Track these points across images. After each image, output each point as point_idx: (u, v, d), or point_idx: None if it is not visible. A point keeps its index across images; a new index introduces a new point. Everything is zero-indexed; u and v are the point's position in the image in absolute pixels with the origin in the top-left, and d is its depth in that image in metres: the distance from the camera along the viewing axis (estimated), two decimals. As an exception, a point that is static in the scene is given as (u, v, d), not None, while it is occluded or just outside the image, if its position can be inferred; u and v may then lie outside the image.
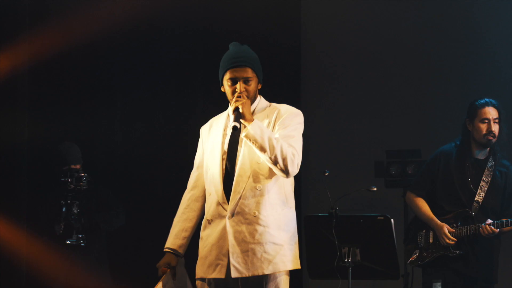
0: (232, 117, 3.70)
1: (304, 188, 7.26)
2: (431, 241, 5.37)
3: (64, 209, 5.12)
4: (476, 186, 5.35)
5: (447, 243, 5.23)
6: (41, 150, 5.55)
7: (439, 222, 5.30)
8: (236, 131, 3.78)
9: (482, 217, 5.26)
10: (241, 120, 3.70)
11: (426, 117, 7.50)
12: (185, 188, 3.92)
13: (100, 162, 5.64)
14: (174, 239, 4.04)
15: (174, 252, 4.00)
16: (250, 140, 3.69)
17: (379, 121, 7.41)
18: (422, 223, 5.45)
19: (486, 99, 5.62)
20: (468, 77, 7.68)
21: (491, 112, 5.26)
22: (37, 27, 5.79)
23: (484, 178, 5.34)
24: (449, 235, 5.23)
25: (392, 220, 4.69)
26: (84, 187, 5.07)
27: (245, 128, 3.70)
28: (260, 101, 4.03)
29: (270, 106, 4.03)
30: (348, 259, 4.49)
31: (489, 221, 5.11)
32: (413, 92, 7.43)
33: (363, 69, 7.74)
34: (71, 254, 5.17)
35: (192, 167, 3.87)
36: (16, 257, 5.35)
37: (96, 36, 5.92)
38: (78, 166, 5.17)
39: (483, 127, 5.28)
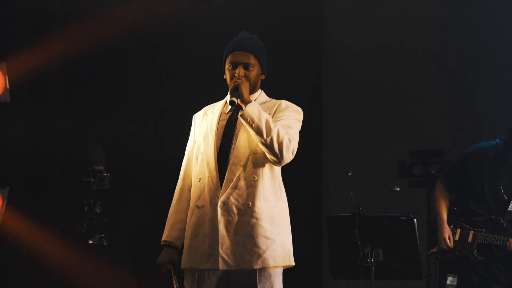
0: (229, 99, 3.62)
1: (326, 189, 7.24)
2: (456, 238, 5.29)
3: (86, 208, 5.23)
4: (509, 194, 5.19)
5: (446, 246, 5.26)
6: (66, 150, 5.70)
7: (446, 226, 5.29)
8: (233, 116, 3.72)
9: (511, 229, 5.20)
10: (239, 102, 3.62)
11: (450, 117, 7.48)
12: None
13: (124, 162, 5.76)
14: (170, 231, 3.97)
15: (171, 244, 3.93)
16: (247, 119, 3.61)
17: (402, 121, 7.41)
18: (452, 218, 5.37)
19: None
20: (494, 76, 7.68)
21: None
22: (68, 26, 5.93)
23: None
24: (448, 241, 5.22)
25: (415, 220, 4.75)
26: (107, 187, 5.17)
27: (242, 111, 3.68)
28: (261, 94, 3.97)
29: (270, 100, 3.96)
30: (371, 259, 4.56)
31: None
32: (436, 92, 7.45)
33: (386, 69, 7.75)
34: (94, 254, 5.30)
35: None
36: (46, 257, 5.50)
37: (123, 37, 6.05)
38: (101, 167, 5.29)
39: None
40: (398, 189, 5.13)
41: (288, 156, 3.68)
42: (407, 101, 7.66)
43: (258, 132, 3.57)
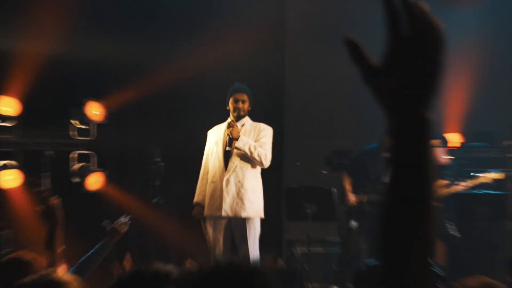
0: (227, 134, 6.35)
1: (286, 171, 9.53)
2: (357, 200, 7.81)
3: (151, 182, 7.69)
4: (379, 174, 7.62)
5: (351, 203, 7.72)
6: (139, 150, 8.38)
7: (350, 194, 7.76)
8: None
9: None
10: (233, 140, 6.23)
11: (357, 122, 9.54)
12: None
13: (171, 157, 8.13)
14: (198, 196, 6.63)
15: (200, 204, 6.56)
16: (239, 150, 6.23)
17: (333, 130, 9.72)
18: (353, 189, 7.83)
19: None
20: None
21: None
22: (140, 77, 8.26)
23: None
24: (352, 201, 7.69)
25: (333, 189, 7.54)
26: (162, 170, 8.11)
27: (235, 142, 6.22)
28: (248, 120, 6.50)
29: (253, 123, 6.54)
30: (310, 210, 7.41)
31: None
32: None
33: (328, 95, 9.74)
34: (156, 209, 8.20)
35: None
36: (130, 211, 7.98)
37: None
38: (159, 159, 8.25)
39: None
40: (326, 172, 8.27)
41: (266, 163, 6.33)
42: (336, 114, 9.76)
43: (247, 154, 6.15)
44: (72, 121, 7.54)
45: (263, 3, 9.47)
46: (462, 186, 7.65)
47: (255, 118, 6.83)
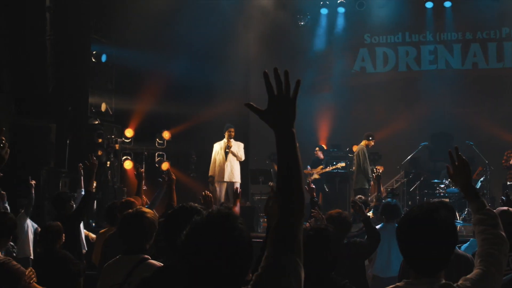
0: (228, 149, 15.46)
1: (251, 159, 17.92)
2: None
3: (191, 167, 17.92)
4: None
5: None
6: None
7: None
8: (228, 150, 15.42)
9: None
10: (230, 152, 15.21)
11: None
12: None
13: (194, 155, 18.44)
14: (211, 172, 15.34)
15: (212, 176, 15.43)
16: (233, 152, 15.29)
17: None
18: None
19: None
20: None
21: None
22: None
23: None
24: None
25: (271, 170, 17.89)
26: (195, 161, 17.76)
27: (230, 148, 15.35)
28: (233, 140, 15.33)
29: (236, 142, 15.37)
30: (260, 178, 17.44)
31: None
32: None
33: None
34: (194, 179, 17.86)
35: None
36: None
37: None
38: (194, 157, 17.78)
39: None
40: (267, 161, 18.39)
41: (242, 159, 15.44)
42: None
43: (234, 154, 15.31)
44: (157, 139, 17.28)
45: (235, 78, 18.97)
46: (315, 171, 17.45)
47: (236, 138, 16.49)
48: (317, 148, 17.65)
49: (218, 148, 15.13)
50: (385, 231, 7.64)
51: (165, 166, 17.02)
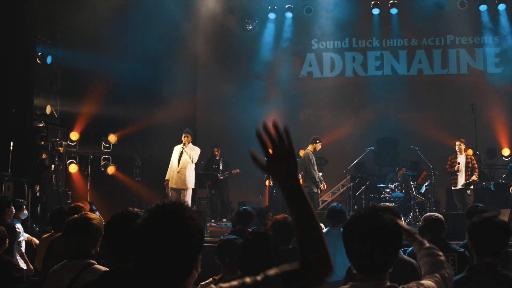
0: (183, 149, 15.69)
1: (197, 167, 19.12)
2: None
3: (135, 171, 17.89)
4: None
5: None
6: None
7: None
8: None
9: None
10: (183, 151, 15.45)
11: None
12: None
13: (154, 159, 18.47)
14: (168, 176, 15.13)
15: (167, 179, 15.56)
16: (187, 154, 15.78)
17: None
18: None
19: None
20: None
21: None
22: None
23: None
24: None
25: (219, 174, 17.94)
26: (141, 165, 17.78)
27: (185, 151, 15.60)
28: (190, 144, 15.38)
29: (192, 145, 15.30)
30: (207, 183, 17.53)
31: None
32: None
33: None
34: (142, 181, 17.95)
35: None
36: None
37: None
38: (139, 161, 17.91)
39: None
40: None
41: (195, 161, 15.41)
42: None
43: (190, 158, 15.31)
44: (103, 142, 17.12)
45: (182, 81, 19.08)
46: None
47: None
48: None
49: (175, 151, 15.24)
50: (330, 235, 7.68)
51: (110, 170, 16.87)
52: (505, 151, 18.55)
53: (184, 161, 14.86)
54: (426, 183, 16.39)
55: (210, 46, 20.32)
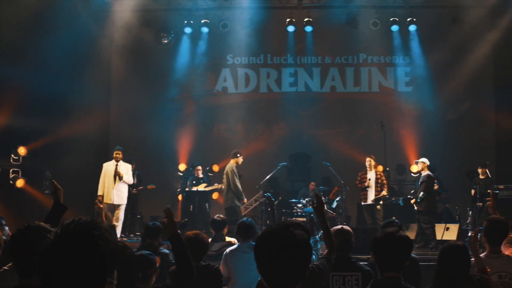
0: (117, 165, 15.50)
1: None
2: None
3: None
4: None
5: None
6: None
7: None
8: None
9: None
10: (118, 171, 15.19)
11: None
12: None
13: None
14: (100, 191, 15.21)
15: (102, 196, 15.39)
16: (120, 173, 15.27)
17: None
18: None
19: None
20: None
21: None
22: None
23: None
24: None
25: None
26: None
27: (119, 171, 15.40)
28: (121, 161, 15.52)
29: (124, 163, 15.46)
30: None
31: None
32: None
33: None
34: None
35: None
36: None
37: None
38: (48, 173, 17.57)
39: None
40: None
41: (130, 182, 15.63)
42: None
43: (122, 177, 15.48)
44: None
45: (96, 93, 18.83)
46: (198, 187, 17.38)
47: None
48: (199, 167, 17.44)
49: (106, 169, 15.28)
50: (240, 251, 7.72)
51: (19, 183, 16.51)
52: (414, 168, 19.05)
53: (118, 180, 15.12)
54: (337, 198, 16.58)
55: (125, 59, 20.16)
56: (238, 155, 15.21)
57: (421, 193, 14.45)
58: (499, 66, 19.61)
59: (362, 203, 16.04)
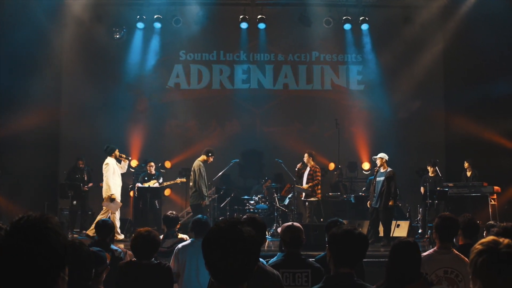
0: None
1: (60, 176, 19.12)
2: None
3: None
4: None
5: None
6: None
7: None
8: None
9: None
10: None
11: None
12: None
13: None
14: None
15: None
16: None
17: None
18: None
19: None
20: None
21: None
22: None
23: None
24: None
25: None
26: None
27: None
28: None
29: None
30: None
31: None
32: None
33: None
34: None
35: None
36: None
37: None
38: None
39: None
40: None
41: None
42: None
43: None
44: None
45: (46, 87, 18.46)
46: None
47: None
48: (152, 163, 17.28)
49: (114, 168, 15.30)
50: (193, 247, 7.65)
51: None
52: (365, 165, 19.31)
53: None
54: (289, 195, 16.67)
55: (76, 53, 19.84)
56: (210, 154, 14.97)
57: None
58: (449, 67, 19.90)
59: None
